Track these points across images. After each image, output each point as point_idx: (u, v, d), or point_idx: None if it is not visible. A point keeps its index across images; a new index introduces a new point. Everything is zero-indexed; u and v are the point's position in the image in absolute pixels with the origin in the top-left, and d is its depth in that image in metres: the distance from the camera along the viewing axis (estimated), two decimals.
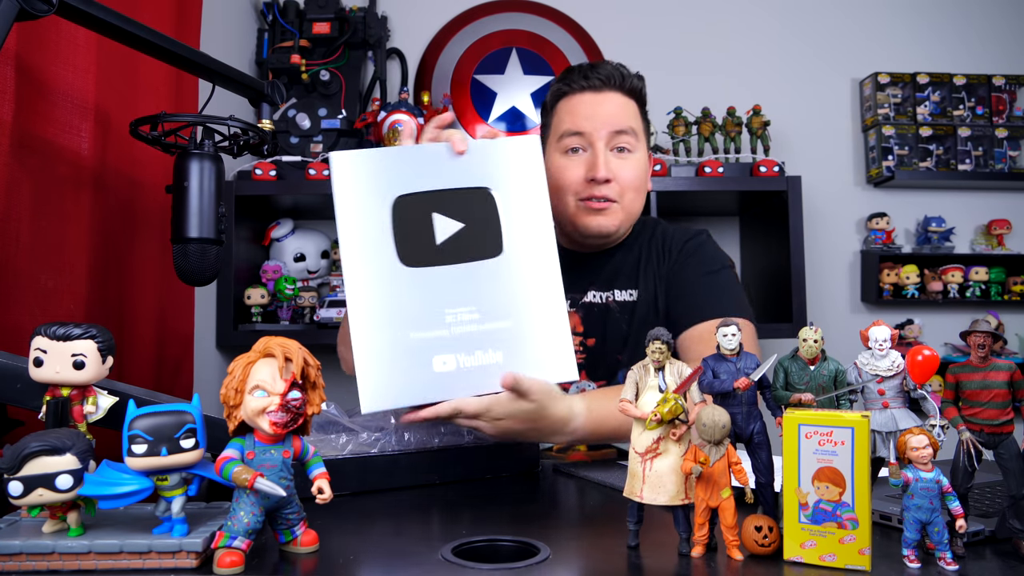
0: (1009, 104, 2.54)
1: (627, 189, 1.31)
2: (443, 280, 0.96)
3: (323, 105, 2.33)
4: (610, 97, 1.32)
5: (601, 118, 1.30)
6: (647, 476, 0.69)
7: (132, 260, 1.44)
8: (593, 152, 1.29)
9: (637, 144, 1.32)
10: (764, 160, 2.22)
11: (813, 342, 0.71)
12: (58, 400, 0.71)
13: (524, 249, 0.99)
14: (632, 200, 1.33)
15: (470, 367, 0.94)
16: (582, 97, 1.32)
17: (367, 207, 0.96)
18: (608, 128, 1.29)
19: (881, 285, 2.45)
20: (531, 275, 0.99)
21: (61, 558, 0.64)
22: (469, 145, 1.00)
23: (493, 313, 0.96)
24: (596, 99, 1.31)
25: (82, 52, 1.25)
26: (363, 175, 0.97)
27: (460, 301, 0.95)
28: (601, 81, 1.31)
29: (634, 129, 1.32)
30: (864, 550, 0.64)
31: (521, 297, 0.97)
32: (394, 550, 0.73)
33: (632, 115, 1.33)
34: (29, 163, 1.14)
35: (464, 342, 0.94)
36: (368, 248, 0.95)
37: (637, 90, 1.35)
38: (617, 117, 1.30)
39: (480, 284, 0.96)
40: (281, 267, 2.27)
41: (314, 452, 0.71)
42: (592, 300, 1.36)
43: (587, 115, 1.30)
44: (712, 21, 2.61)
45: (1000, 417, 0.68)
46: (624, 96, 1.33)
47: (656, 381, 0.71)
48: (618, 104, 1.32)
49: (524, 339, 0.96)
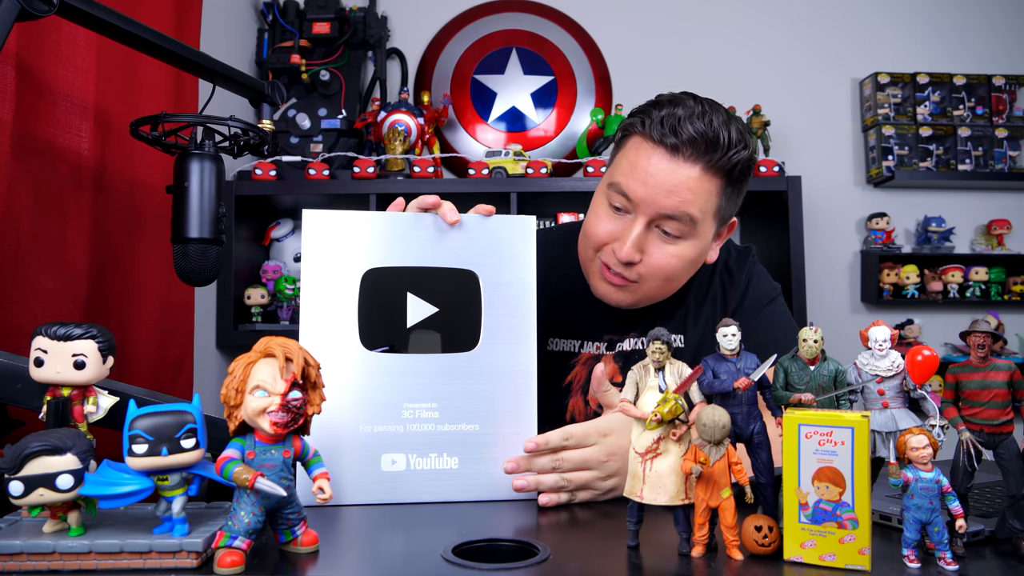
0: (1009, 104, 2.54)
1: (653, 276, 1.09)
2: (405, 370, 0.89)
3: (323, 105, 2.33)
4: (682, 169, 1.03)
5: (654, 194, 1.03)
6: (647, 476, 0.69)
7: (132, 260, 1.44)
8: (631, 224, 1.06)
9: (691, 231, 1.06)
10: (764, 160, 2.22)
11: (813, 342, 0.71)
12: (59, 400, 0.71)
13: (502, 344, 0.91)
14: (656, 287, 1.11)
15: (422, 469, 0.88)
16: (652, 152, 1.04)
17: (334, 275, 0.89)
18: (656, 208, 1.04)
19: (881, 285, 2.45)
20: (504, 375, 0.91)
21: (62, 558, 0.64)
22: (461, 220, 0.92)
23: (455, 414, 0.89)
24: (664, 164, 1.03)
25: (82, 52, 1.25)
26: (335, 238, 0.90)
27: (420, 396, 0.89)
28: (680, 143, 1.02)
29: (692, 217, 1.04)
30: (864, 550, 0.64)
31: (488, 399, 0.90)
32: (394, 550, 0.73)
33: (703, 197, 1.04)
34: (29, 163, 1.14)
35: (418, 442, 0.88)
36: (329, 321, 0.88)
37: (730, 167, 1.04)
38: (675, 199, 1.03)
39: (446, 380, 0.89)
40: (281, 267, 2.27)
41: (314, 452, 0.71)
42: (634, 348, 1.20)
43: (643, 180, 1.04)
44: (712, 21, 2.61)
45: (1000, 417, 0.68)
46: (705, 171, 1.03)
47: (656, 381, 0.71)
48: (688, 180, 1.03)
49: (485, 447, 0.89)
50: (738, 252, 1.28)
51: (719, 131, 1.02)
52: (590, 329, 1.23)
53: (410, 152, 2.27)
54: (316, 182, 2.14)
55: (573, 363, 1.22)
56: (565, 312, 1.24)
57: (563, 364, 1.23)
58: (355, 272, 0.90)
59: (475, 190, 2.18)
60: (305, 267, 0.89)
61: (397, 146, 2.22)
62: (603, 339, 1.22)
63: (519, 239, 0.94)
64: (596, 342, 1.22)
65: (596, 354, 1.22)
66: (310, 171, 2.15)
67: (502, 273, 0.93)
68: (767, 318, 1.22)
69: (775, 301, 1.25)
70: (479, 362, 0.91)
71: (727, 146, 1.03)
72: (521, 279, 0.93)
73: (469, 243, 0.93)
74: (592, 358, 1.21)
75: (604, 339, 1.22)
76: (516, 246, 0.94)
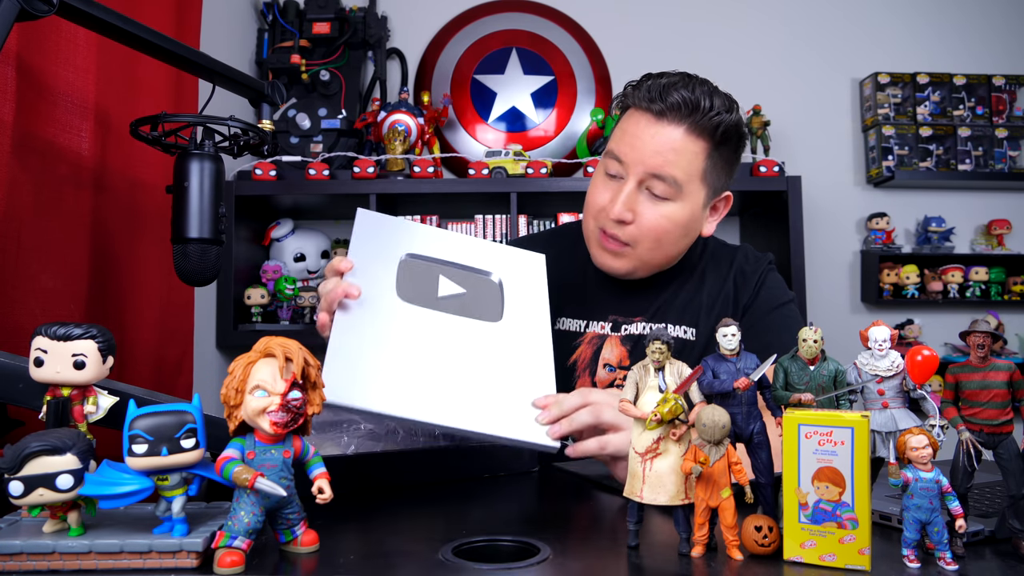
0: (1009, 104, 2.54)
1: (645, 237, 1.13)
2: (436, 325, 0.93)
3: (323, 105, 2.33)
4: (666, 131, 1.09)
5: (642, 153, 1.10)
6: (647, 476, 0.69)
7: (132, 260, 1.44)
8: (622, 186, 1.12)
9: (677, 194, 1.11)
10: (764, 160, 2.22)
11: (813, 342, 0.71)
12: (58, 400, 0.71)
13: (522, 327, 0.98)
14: (650, 249, 1.15)
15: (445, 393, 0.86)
16: (639, 118, 1.12)
17: (377, 256, 0.98)
18: (644, 168, 1.10)
19: (881, 285, 2.45)
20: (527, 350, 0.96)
21: (61, 558, 0.64)
22: (480, 245, 1.05)
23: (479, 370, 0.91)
24: (650, 128, 1.10)
25: (82, 52, 1.25)
26: (382, 232, 1.01)
27: (449, 349, 0.91)
28: (664, 109, 1.09)
29: (676, 179, 1.10)
30: (864, 550, 0.64)
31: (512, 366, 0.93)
32: (394, 550, 0.73)
33: (686, 159, 1.10)
34: (29, 163, 1.14)
35: (441, 378, 0.88)
36: (367, 282, 0.93)
37: (713, 127, 1.09)
38: (660, 158, 1.09)
39: (472, 341, 0.93)
40: (281, 267, 2.27)
41: (314, 452, 0.71)
42: (642, 332, 1.21)
43: (632, 143, 1.11)
44: (712, 21, 2.61)
45: (1000, 417, 0.68)
46: (688, 133, 1.09)
47: (656, 381, 0.71)
48: (672, 141, 1.09)
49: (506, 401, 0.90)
50: (755, 257, 1.31)
51: (700, 97, 1.09)
52: (595, 309, 1.26)
53: (410, 152, 2.27)
54: (316, 182, 2.14)
55: (578, 343, 1.24)
56: (572, 293, 1.28)
57: (568, 344, 1.25)
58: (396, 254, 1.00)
59: (475, 190, 2.18)
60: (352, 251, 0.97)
61: (397, 146, 2.22)
62: (608, 319, 1.24)
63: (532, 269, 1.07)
64: (601, 321, 1.24)
65: (601, 334, 1.23)
66: (310, 171, 2.15)
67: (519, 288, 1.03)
68: (776, 320, 1.22)
69: (786, 306, 1.25)
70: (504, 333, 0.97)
71: (709, 108, 1.09)
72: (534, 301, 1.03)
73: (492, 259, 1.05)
74: (597, 337, 1.23)
75: (609, 319, 1.24)
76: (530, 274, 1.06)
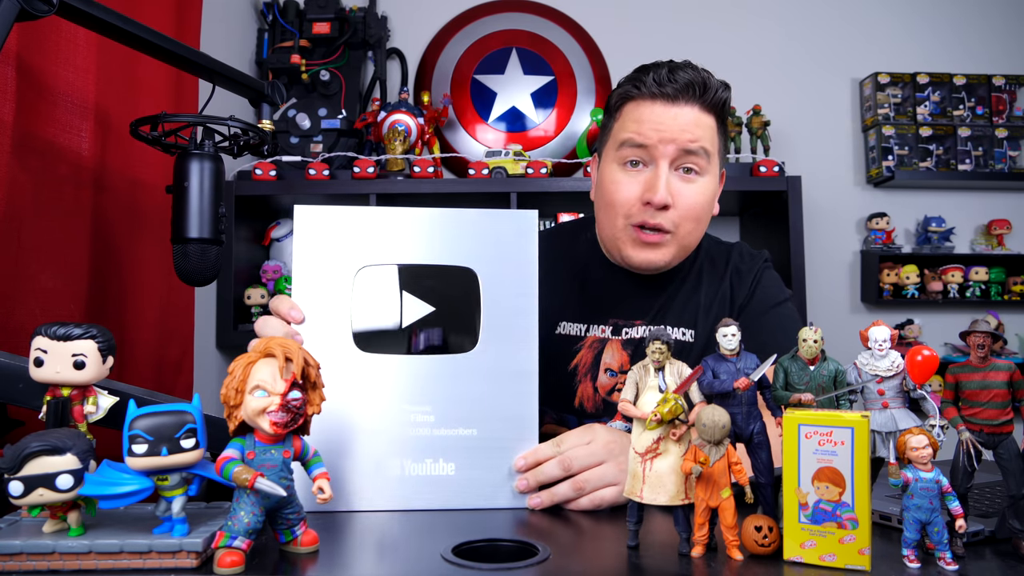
0: (1009, 104, 2.54)
1: (686, 219, 1.14)
2: (400, 372, 0.86)
3: (323, 105, 2.33)
4: (685, 110, 1.12)
5: (670, 132, 1.11)
6: (647, 476, 0.69)
7: (132, 260, 1.44)
8: (655, 171, 1.12)
9: (707, 166, 1.15)
10: (764, 160, 2.22)
11: (813, 342, 0.71)
12: (58, 400, 0.71)
13: (502, 344, 0.88)
14: (689, 232, 1.16)
15: (417, 475, 0.85)
16: (652, 105, 1.13)
17: (327, 274, 0.87)
18: (676, 145, 1.11)
19: (881, 285, 2.45)
20: (506, 377, 0.88)
21: (61, 558, 0.64)
22: (460, 216, 0.91)
23: (452, 418, 0.86)
24: (668, 111, 1.12)
25: (82, 52, 1.25)
26: (329, 235, 0.87)
27: (415, 399, 0.86)
28: (677, 90, 1.12)
29: (707, 150, 1.13)
30: (864, 550, 0.64)
31: (487, 402, 0.87)
32: (394, 550, 0.73)
33: (708, 132, 1.14)
34: (30, 163, 1.14)
35: (413, 447, 0.85)
36: (321, 322, 0.86)
37: (719, 103, 1.15)
38: (689, 134, 1.12)
39: (443, 382, 0.86)
40: (281, 267, 2.27)
41: (314, 452, 0.71)
42: (643, 336, 1.21)
43: (655, 127, 1.12)
44: (712, 21, 2.61)
45: (1000, 417, 0.68)
46: (702, 110, 1.14)
47: (656, 381, 0.71)
48: (693, 119, 1.13)
49: (484, 452, 0.86)
50: (751, 255, 1.30)
51: (704, 76, 1.14)
52: (596, 312, 1.24)
53: (410, 152, 2.27)
54: (316, 182, 2.14)
55: (579, 347, 1.23)
56: (572, 297, 1.26)
57: (569, 348, 1.24)
58: (349, 270, 0.87)
59: (475, 190, 2.18)
60: (297, 264, 0.86)
61: (397, 146, 2.22)
62: (608, 323, 1.23)
63: (520, 234, 0.91)
64: (602, 325, 1.24)
65: (601, 338, 1.23)
66: (310, 171, 2.15)
67: (502, 270, 0.90)
68: (772, 320, 1.22)
69: (782, 305, 1.25)
70: (478, 364, 0.88)
71: (714, 86, 1.14)
72: (522, 277, 0.90)
73: (468, 239, 0.90)
74: (597, 341, 1.23)
75: (609, 323, 1.23)
76: (517, 241, 0.90)
